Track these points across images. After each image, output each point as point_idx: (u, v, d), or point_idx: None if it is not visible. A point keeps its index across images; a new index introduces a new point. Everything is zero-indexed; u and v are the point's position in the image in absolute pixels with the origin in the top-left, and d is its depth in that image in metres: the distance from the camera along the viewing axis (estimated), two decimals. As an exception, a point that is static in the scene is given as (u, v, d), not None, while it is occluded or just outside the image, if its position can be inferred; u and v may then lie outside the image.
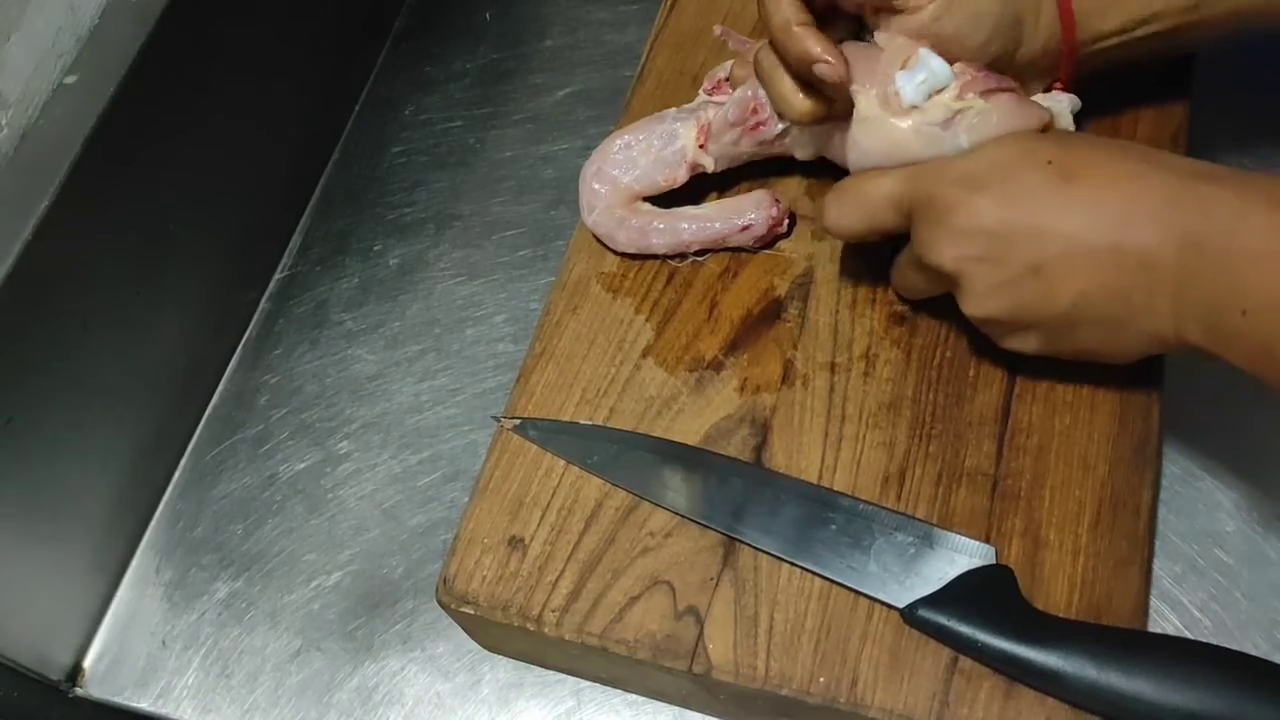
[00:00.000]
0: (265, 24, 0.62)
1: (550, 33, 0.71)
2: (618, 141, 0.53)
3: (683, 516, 0.47)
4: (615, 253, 0.54)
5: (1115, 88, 0.55)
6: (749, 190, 0.54)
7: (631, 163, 0.53)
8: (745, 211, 0.52)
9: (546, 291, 0.54)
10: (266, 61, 0.62)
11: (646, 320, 0.52)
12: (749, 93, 0.51)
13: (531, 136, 0.67)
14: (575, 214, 0.55)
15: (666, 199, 0.54)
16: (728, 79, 0.52)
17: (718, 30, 0.54)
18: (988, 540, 0.45)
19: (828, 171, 0.53)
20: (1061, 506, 0.46)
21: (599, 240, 0.54)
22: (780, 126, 0.51)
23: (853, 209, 0.47)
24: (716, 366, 0.50)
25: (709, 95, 0.53)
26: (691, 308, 0.52)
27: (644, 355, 0.51)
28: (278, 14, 0.62)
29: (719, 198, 0.55)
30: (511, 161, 0.67)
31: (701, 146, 0.52)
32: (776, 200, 0.52)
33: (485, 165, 0.67)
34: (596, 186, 0.53)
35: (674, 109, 0.53)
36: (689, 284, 0.53)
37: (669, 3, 0.62)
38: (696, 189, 0.54)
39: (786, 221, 0.53)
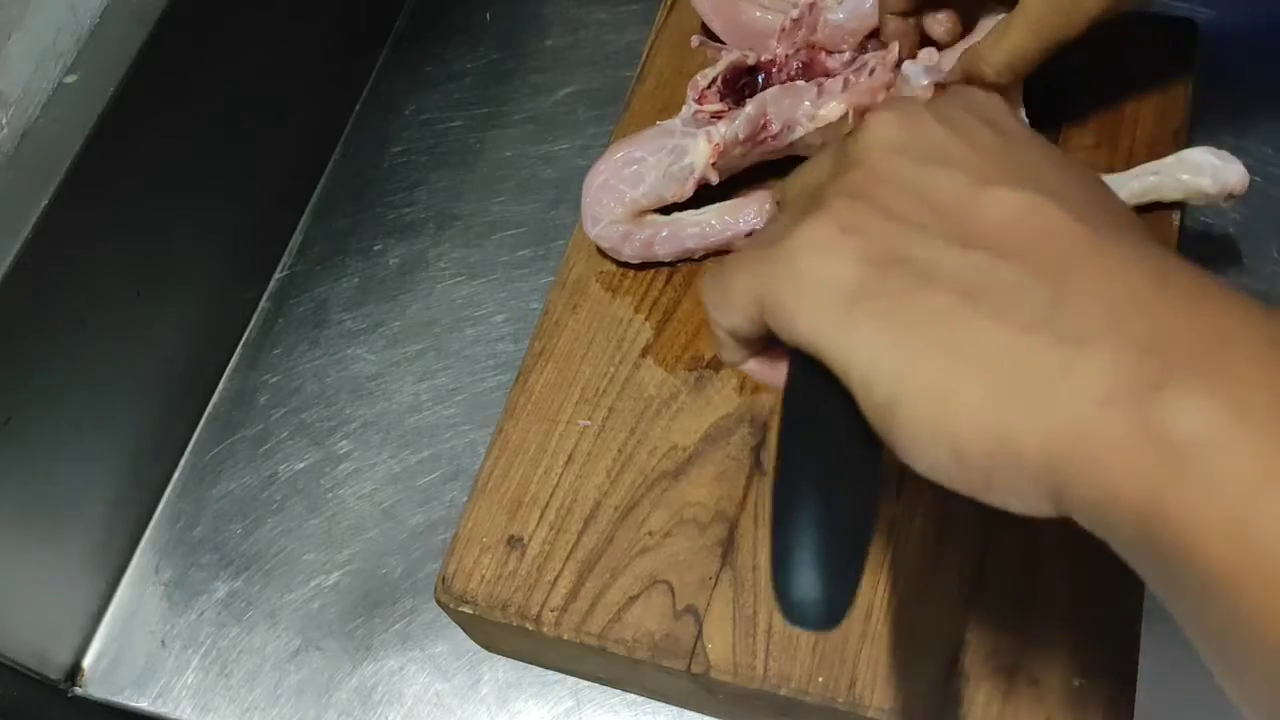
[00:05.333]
0: (265, 24, 0.62)
1: (550, 33, 0.71)
2: (623, 155, 0.53)
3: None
4: (619, 264, 0.54)
5: (1116, 85, 0.55)
6: (748, 190, 0.54)
7: (639, 178, 0.52)
8: (747, 215, 0.52)
9: (546, 291, 0.54)
10: (266, 61, 0.62)
11: (646, 319, 0.52)
12: (753, 110, 0.51)
13: (532, 136, 0.67)
14: (575, 214, 0.55)
15: (668, 208, 0.53)
16: (709, 87, 0.52)
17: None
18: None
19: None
20: (1061, 506, 0.46)
21: (602, 252, 0.54)
22: (791, 139, 0.51)
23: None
24: (716, 366, 0.50)
25: (699, 104, 0.52)
26: (691, 307, 0.52)
27: (643, 354, 0.51)
28: (278, 14, 0.62)
29: (719, 198, 0.55)
30: (511, 161, 0.67)
31: (714, 164, 0.51)
32: (778, 201, 0.52)
33: (485, 165, 0.67)
34: (603, 199, 0.53)
35: (677, 120, 0.53)
36: (688, 283, 0.53)
37: (669, 3, 0.62)
38: (695, 192, 0.54)
39: (786, 221, 0.53)
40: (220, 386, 0.62)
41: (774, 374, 0.34)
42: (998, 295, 0.26)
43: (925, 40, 0.52)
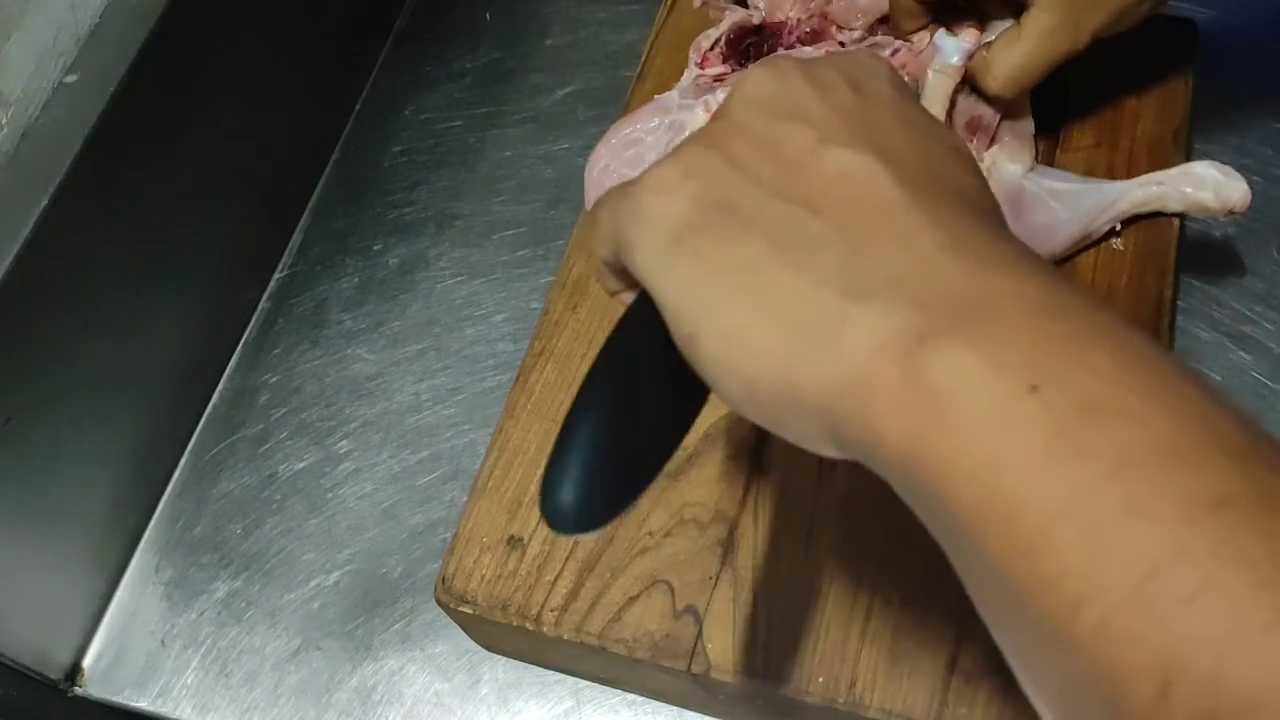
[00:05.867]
0: (266, 24, 0.62)
1: (550, 32, 0.71)
2: (623, 135, 0.52)
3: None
4: None
5: (1116, 85, 0.55)
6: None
7: (639, 159, 0.52)
8: None
9: (546, 291, 0.54)
10: (267, 61, 0.62)
11: (646, 320, 0.52)
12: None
13: (532, 136, 0.67)
14: (575, 213, 0.55)
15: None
16: (712, 49, 0.52)
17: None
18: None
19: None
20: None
21: None
22: None
23: None
24: (716, 366, 0.50)
25: (700, 67, 0.52)
26: (691, 307, 0.52)
27: (643, 355, 0.51)
28: (278, 14, 0.62)
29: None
30: (511, 161, 0.67)
31: None
32: None
33: (485, 165, 0.67)
34: (605, 184, 0.52)
35: (674, 93, 0.52)
36: (688, 283, 0.53)
37: (669, 3, 0.62)
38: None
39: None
40: (220, 386, 0.62)
41: None
42: (801, 248, 0.28)
43: None
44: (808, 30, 0.53)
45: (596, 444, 0.29)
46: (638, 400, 0.31)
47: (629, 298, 0.34)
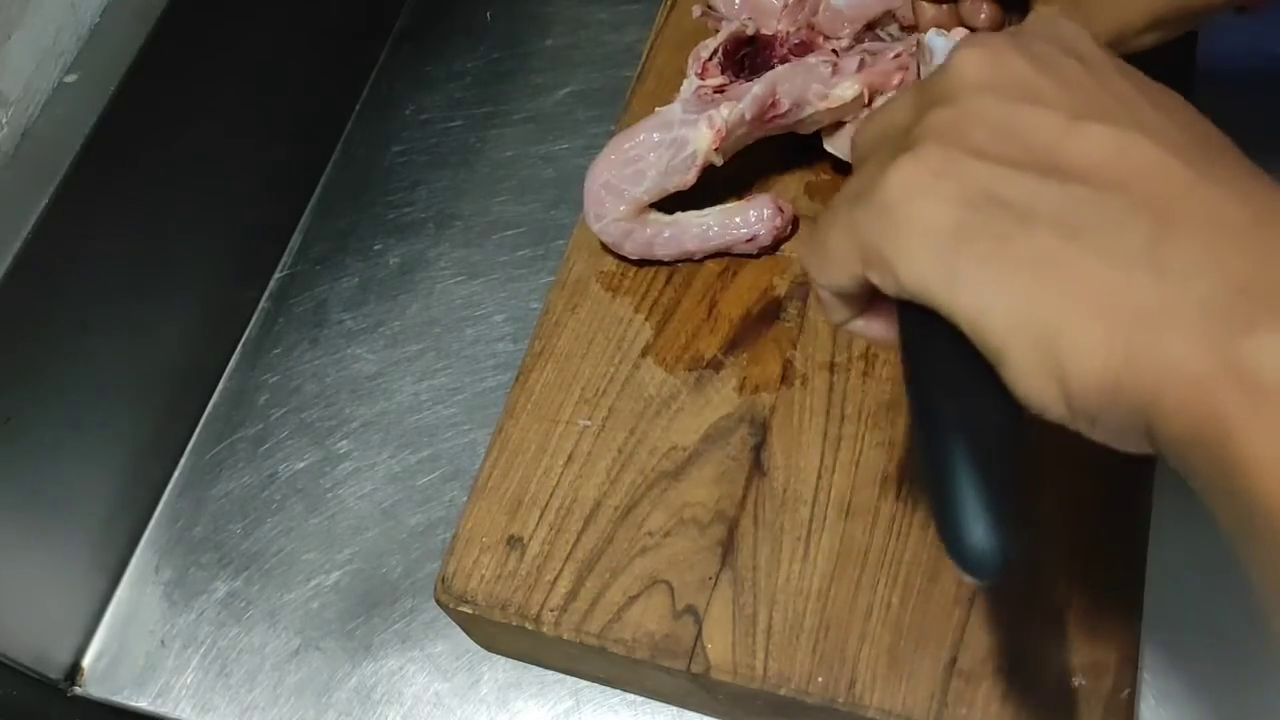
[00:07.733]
0: (266, 24, 0.62)
1: (551, 33, 0.71)
2: (624, 151, 0.52)
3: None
4: (619, 258, 0.54)
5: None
6: (751, 194, 0.54)
7: (640, 175, 0.52)
8: (750, 221, 0.52)
9: (546, 291, 0.54)
10: (267, 61, 0.62)
11: (646, 319, 0.52)
12: (761, 90, 0.50)
13: (532, 136, 0.67)
14: (575, 213, 0.55)
15: (670, 200, 0.53)
16: (711, 59, 0.52)
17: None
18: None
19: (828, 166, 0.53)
20: (1062, 504, 0.46)
21: (604, 246, 0.54)
22: (800, 117, 0.51)
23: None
24: (716, 366, 0.50)
25: (701, 77, 0.52)
26: (691, 307, 0.52)
27: (643, 354, 0.51)
28: (278, 14, 0.62)
29: (722, 200, 0.54)
30: (512, 161, 0.67)
31: (716, 149, 0.51)
32: (781, 209, 0.52)
33: (485, 165, 0.67)
34: (605, 197, 0.52)
35: (676, 106, 0.52)
36: (688, 283, 0.53)
37: (669, 3, 0.62)
38: (697, 185, 0.54)
39: (790, 226, 0.53)
40: (220, 386, 0.62)
41: (882, 331, 0.33)
42: (1100, 232, 0.26)
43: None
44: (797, 42, 0.53)
45: (978, 476, 0.27)
46: (982, 420, 0.29)
47: (861, 325, 0.32)
